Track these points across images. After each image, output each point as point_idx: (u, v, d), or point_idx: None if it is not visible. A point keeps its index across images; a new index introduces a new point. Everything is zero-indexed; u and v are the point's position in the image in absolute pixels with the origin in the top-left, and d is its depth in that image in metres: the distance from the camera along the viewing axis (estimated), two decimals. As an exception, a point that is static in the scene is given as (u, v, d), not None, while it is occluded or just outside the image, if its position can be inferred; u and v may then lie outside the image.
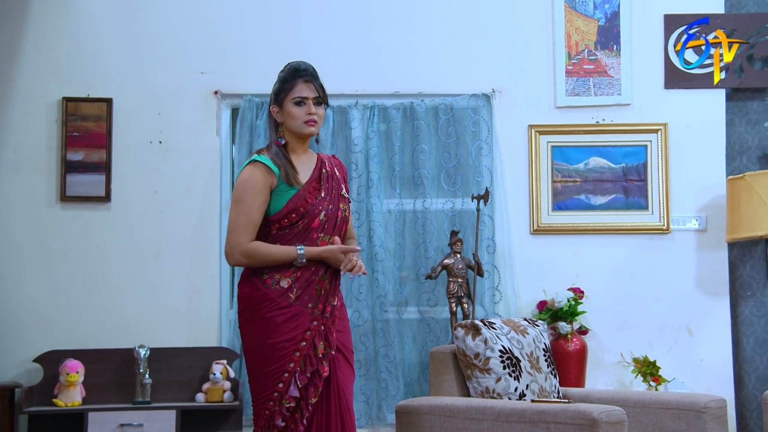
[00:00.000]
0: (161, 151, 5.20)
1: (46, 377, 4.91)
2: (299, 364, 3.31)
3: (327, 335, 3.37)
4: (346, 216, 3.52)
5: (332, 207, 3.46)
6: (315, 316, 3.37)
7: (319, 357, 3.35)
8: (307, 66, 3.52)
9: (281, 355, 3.31)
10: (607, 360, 5.17)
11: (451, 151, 5.24)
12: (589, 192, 5.29)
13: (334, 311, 3.42)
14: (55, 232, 5.12)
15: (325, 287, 3.40)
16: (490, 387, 3.95)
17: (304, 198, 3.39)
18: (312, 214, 3.40)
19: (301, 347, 3.32)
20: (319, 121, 3.49)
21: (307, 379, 3.32)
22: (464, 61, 5.31)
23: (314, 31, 5.28)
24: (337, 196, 3.49)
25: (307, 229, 3.39)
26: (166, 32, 5.23)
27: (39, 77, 5.16)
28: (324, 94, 3.51)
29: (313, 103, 3.46)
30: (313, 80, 3.48)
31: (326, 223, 3.42)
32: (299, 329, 3.33)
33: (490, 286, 5.14)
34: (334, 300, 3.43)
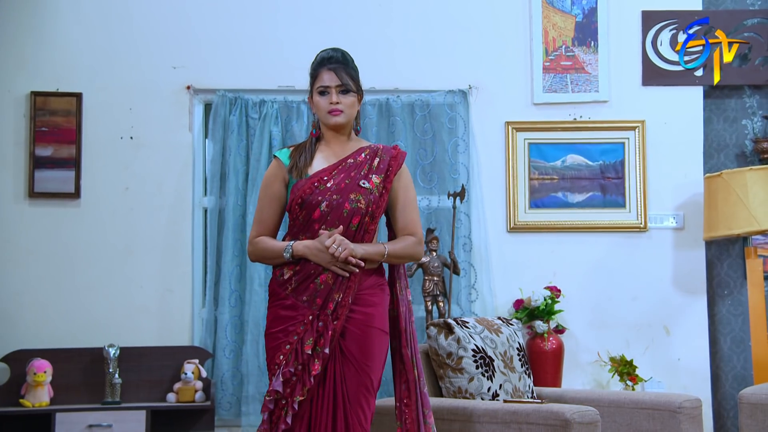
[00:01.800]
0: (132, 147, 5.12)
1: (13, 377, 4.82)
2: (287, 358, 3.21)
3: (323, 332, 3.21)
4: (359, 207, 3.29)
5: (338, 197, 3.29)
6: (313, 311, 3.24)
7: (308, 353, 3.20)
8: (333, 54, 3.43)
9: (275, 346, 3.25)
10: (584, 359, 5.14)
11: (428, 148, 5.19)
12: (566, 190, 5.24)
13: (338, 309, 3.24)
14: (23, 229, 5.03)
15: (327, 282, 3.25)
16: (463, 387, 3.90)
17: (302, 189, 3.30)
18: (310, 205, 3.29)
19: (293, 341, 3.22)
20: (347, 110, 3.38)
21: (291, 373, 3.20)
22: (441, 56, 5.26)
23: (289, 26, 5.21)
24: (351, 186, 3.31)
25: (308, 221, 3.30)
26: (138, 25, 5.15)
27: (6, 71, 5.07)
28: (354, 81, 3.40)
29: (337, 92, 3.37)
30: (339, 68, 3.38)
31: (329, 214, 3.28)
32: (293, 322, 3.24)
33: (466, 285, 5.10)
34: (339, 296, 3.24)
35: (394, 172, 3.39)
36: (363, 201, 3.30)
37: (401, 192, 3.43)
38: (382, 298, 3.37)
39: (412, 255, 3.41)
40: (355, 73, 3.44)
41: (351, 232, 3.29)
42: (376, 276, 3.37)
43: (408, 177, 3.47)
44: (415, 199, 3.47)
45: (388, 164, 3.39)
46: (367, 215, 3.31)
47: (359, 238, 3.30)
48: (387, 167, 3.39)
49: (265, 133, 5.03)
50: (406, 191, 3.44)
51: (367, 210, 3.30)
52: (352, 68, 3.43)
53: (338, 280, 3.24)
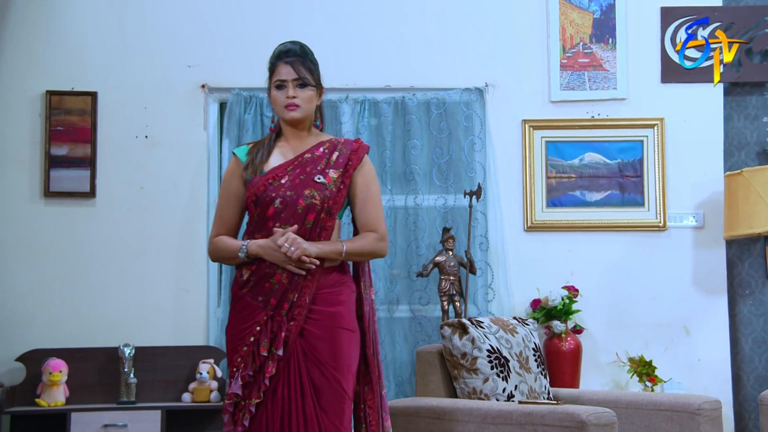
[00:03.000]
0: (147, 145, 5.11)
1: (29, 377, 4.82)
2: (245, 360, 3.14)
3: (277, 333, 3.12)
4: (314, 203, 3.19)
5: (292, 194, 3.19)
6: (267, 312, 3.15)
7: (263, 355, 3.12)
8: (291, 47, 3.33)
9: (233, 347, 3.18)
10: (603, 360, 5.09)
11: (444, 147, 5.15)
12: (584, 188, 5.19)
13: (294, 309, 3.14)
14: (39, 229, 5.03)
15: (281, 281, 3.15)
16: (478, 388, 3.85)
17: (256, 186, 3.22)
18: (264, 202, 3.20)
19: (249, 342, 3.14)
20: (304, 105, 3.28)
21: (249, 376, 3.12)
22: (457, 54, 5.22)
23: (304, 24, 5.19)
24: (306, 181, 3.21)
25: (263, 218, 3.21)
26: (153, 24, 5.14)
27: (22, 70, 5.07)
28: (312, 75, 3.31)
29: (294, 86, 3.27)
30: (296, 62, 3.28)
31: (283, 211, 3.18)
32: (248, 322, 3.16)
33: (483, 284, 5.05)
34: (294, 296, 3.15)
35: (353, 167, 3.28)
36: (318, 197, 3.19)
37: (362, 187, 3.30)
38: (348, 296, 3.26)
39: (373, 252, 3.29)
40: (314, 66, 3.34)
41: (306, 229, 3.19)
42: (338, 273, 3.25)
43: (370, 171, 3.35)
44: (378, 194, 3.36)
45: (348, 158, 3.28)
46: (323, 211, 3.20)
47: (316, 235, 3.20)
48: (347, 161, 3.28)
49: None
50: (368, 186, 3.31)
51: (322, 206, 3.20)
52: (311, 61, 3.33)
53: (294, 279, 3.15)
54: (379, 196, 3.34)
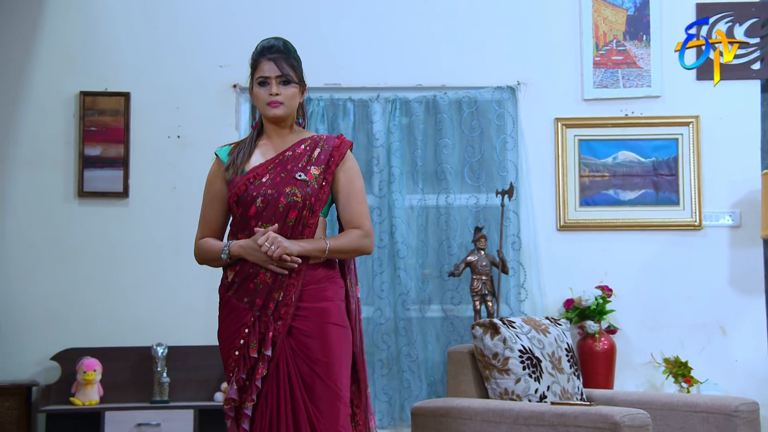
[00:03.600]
0: (179, 145, 5.13)
1: (64, 375, 4.86)
2: (238, 363, 3.08)
3: (264, 334, 3.06)
4: (295, 201, 3.12)
5: (273, 192, 3.13)
6: (253, 312, 3.09)
7: (254, 357, 3.06)
8: (274, 43, 3.25)
9: (225, 352, 3.13)
10: (637, 360, 5.04)
11: (475, 146, 5.12)
12: (617, 187, 5.14)
13: (280, 308, 3.08)
14: (73, 229, 5.07)
15: (265, 281, 3.09)
16: (509, 388, 3.82)
17: (237, 185, 3.16)
18: (245, 202, 3.14)
19: (240, 345, 3.08)
20: (287, 102, 3.20)
21: (243, 380, 3.07)
22: (488, 52, 5.19)
23: (335, 23, 5.19)
24: (287, 179, 3.15)
25: (245, 218, 3.15)
26: (184, 25, 5.17)
27: (55, 71, 5.11)
28: (295, 72, 3.22)
29: (277, 83, 3.20)
30: (280, 58, 3.20)
31: (264, 210, 3.11)
32: (236, 325, 3.10)
33: (515, 284, 5.02)
34: (279, 295, 3.08)
35: (335, 163, 3.20)
36: (299, 194, 3.13)
37: (345, 183, 3.22)
38: (336, 291, 3.18)
39: (357, 249, 3.19)
40: (297, 63, 3.25)
41: (288, 227, 3.12)
42: (325, 269, 3.17)
43: (353, 167, 3.26)
44: (362, 190, 3.26)
45: (330, 154, 3.21)
46: (305, 209, 3.14)
47: (298, 233, 3.13)
48: (328, 158, 3.21)
49: (312, 131, 5.00)
50: (351, 182, 3.23)
51: (304, 203, 3.13)
52: (294, 58, 3.24)
53: (278, 278, 3.09)
54: (363, 192, 3.26)
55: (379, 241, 5.05)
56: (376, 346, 5.02)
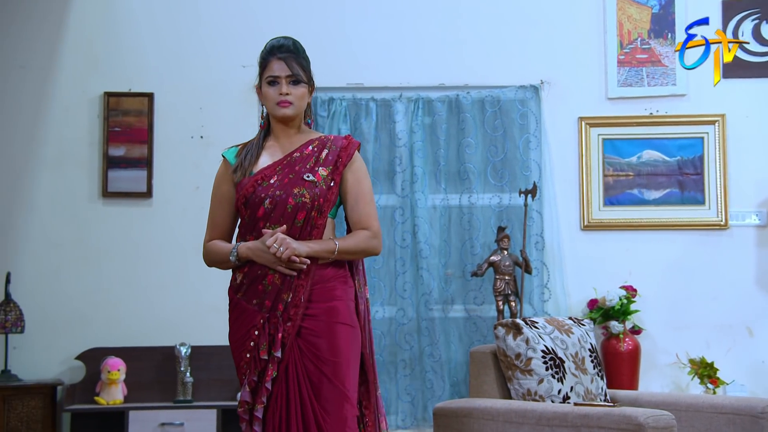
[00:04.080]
0: (203, 146, 5.15)
1: (89, 375, 4.89)
2: (249, 366, 3.06)
3: (274, 335, 3.03)
4: (304, 202, 3.09)
5: (281, 193, 3.10)
6: (262, 314, 3.07)
7: (264, 359, 3.03)
8: (284, 42, 3.22)
9: (237, 354, 3.11)
10: (662, 361, 5.01)
11: (498, 145, 5.10)
12: (642, 186, 5.10)
13: (289, 309, 3.05)
14: (97, 229, 5.10)
15: (274, 282, 3.06)
16: (532, 389, 3.80)
17: (245, 187, 3.13)
18: (254, 203, 3.11)
19: (250, 347, 3.06)
20: (297, 102, 3.17)
21: (255, 382, 3.05)
22: (512, 51, 5.17)
23: (357, 23, 5.18)
24: (295, 180, 3.12)
25: (253, 220, 3.12)
26: (207, 25, 5.18)
27: (80, 72, 5.14)
28: (305, 72, 3.20)
29: (287, 83, 3.16)
30: (290, 57, 3.18)
31: (272, 211, 3.09)
32: (246, 327, 3.08)
33: (538, 284, 4.99)
34: (288, 296, 3.05)
35: (343, 164, 3.17)
36: (308, 195, 3.10)
37: (353, 184, 3.19)
38: (345, 291, 3.14)
39: (366, 250, 3.17)
40: (306, 63, 3.22)
41: (297, 228, 3.10)
42: (334, 268, 3.14)
43: (361, 168, 3.23)
44: (370, 191, 3.23)
45: (338, 155, 3.18)
46: (313, 210, 3.11)
47: (306, 234, 3.11)
48: (336, 159, 3.17)
49: (334, 131, 5.01)
50: (359, 183, 3.20)
51: (312, 204, 3.10)
52: (303, 58, 3.21)
53: (286, 279, 3.06)
54: (371, 193, 3.24)
55: (402, 241, 5.04)
56: (399, 346, 5.01)
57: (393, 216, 5.06)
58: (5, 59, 5.13)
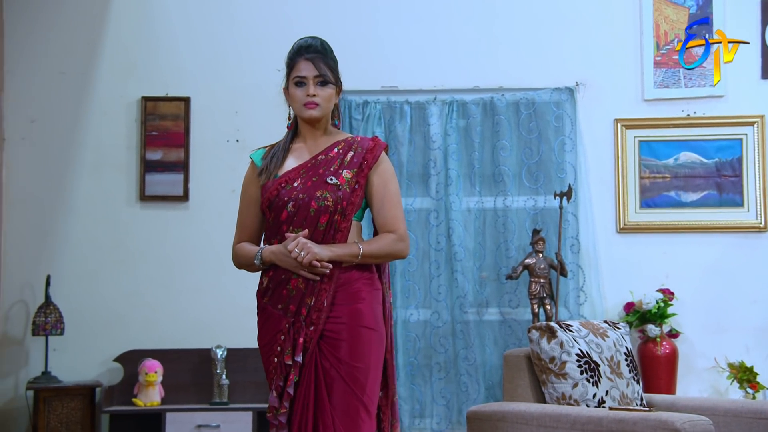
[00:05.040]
0: (238, 149, 5.18)
1: (126, 377, 4.94)
2: (276, 370, 3.03)
3: (296, 339, 3.00)
4: (326, 205, 3.04)
5: (304, 196, 3.05)
6: (287, 318, 3.03)
7: (288, 364, 3.00)
8: (312, 42, 3.17)
9: (266, 359, 3.09)
10: (700, 365, 4.95)
11: (533, 147, 5.08)
12: (679, 188, 5.05)
13: (312, 313, 3.00)
14: (135, 232, 5.15)
15: (298, 287, 3.02)
16: (567, 393, 3.77)
17: (269, 190, 3.10)
18: (277, 206, 3.07)
19: (277, 352, 3.03)
20: (324, 104, 3.12)
21: (281, 387, 3.01)
22: (547, 53, 5.15)
23: (390, 25, 5.19)
24: (318, 183, 3.07)
25: (277, 223, 3.08)
26: (242, 30, 5.22)
27: (118, 77, 5.20)
28: (333, 72, 3.14)
29: (314, 83, 3.11)
30: (318, 58, 3.13)
31: (295, 214, 3.05)
32: (273, 332, 3.06)
33: (574, 287, 4.96)
34: (311, 300, 3.01)
35: (369, 166, 3.10)
36: (330, 198, 3.05)
37: (379, 187, 3.12)
38: (371, 293, 3.08)
39: (391, 253, 3.11)
40: (334, 63, 3.16)
41: (320, 231, 3.05)
42: (359, 270, 3.08)
43: (388, 170, 3.16)
44: (397, 193, 3.17)
45: (363, 157, 3.11)
46: (336, 213, 3.05)
47: (330, 237, 3.05)
48: (361, 161, 3.11)
49: (369, 134, 5.02)
50: (386, 185, 3.13)
51: (335, 207, 3.05)
52: (331, 59, 3.16)
53: (309, 283, 3.02)
54: (398, 195, 3.18)
55: (437, 244, 5.03)
56: (434, 349, 5.00)
57: (427, 219, 5.06)
58: (46, 66, 5.20)
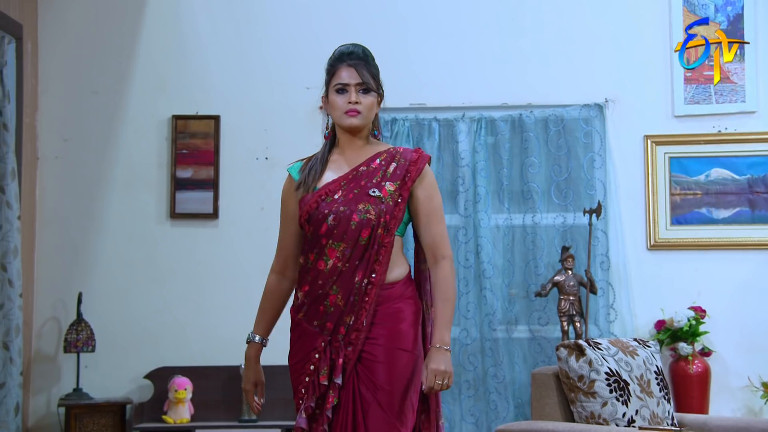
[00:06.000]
0: (267, 167, 5.21)
1: (156, 394, 4.96)
2: (307, 391, 2.91)
3: (335, 360, 2.88)
4: (368, 219, 2.92)
5: (345, 209, 2.93)
6: (323, 336, 2.91)
7: (324, 384, 2.88)
8: (354, 49, 3.06)
9: (296, 377, 2.97)
10: (734, 384, 4.89)
11: (562, 164, 5.05)
12: (710, 205, 5.00)
13: (351, 333, 2.89)
14: (165, 249, 5.18)
15: (336, 303, 2.90)
16: (596, 412, 3.73)
17: (308, 203, 2.98)
18: (317, 220, 2.94)
19: (310, 371, 2.91)
20: (366, 112, 2.99)
21: (312, 408, 2.89)
22: (575, 70, 5.13)
23: (418, 43, 5.20)
24: (360, 195, 2.95)
25: (316, 236, 2.95)
26: (271, 49, 5.25)
27: (149, 96, 5.25)
28: (375, 80, 3.02)
29: (356, 91, 2.99)
30: (360, 65, 3.01)
31: (336, 228, 2.92)
32: (306, 350, 2.94)
33: (604, 305, 4.92)
34: (351, 319, 2.90)
35: (412, 179, 2.98)
36: (373, 211, 2.93)
37: (424, 201, 3.00)
38: (412, 313, 2.96)
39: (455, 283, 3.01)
40: (376, 71, 3.04)
41: (361, 247, 2.92)
42: (401, 287, 2.97)
43: (432, 183, 3.04)
44: (441, 208, 3.04)
45: (407, 170, 2.98)
46: (379, 227, 2.92)
47: (372, 253, 2.93)
48: (404, 173, 2.98)
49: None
50: (430, 200, 3.01)
51: (378, 221, 2.92)
52: (374, 66, 3.04)
53: (350, 301, 2.90)
54: (442, 209, 3.05)
55: (465, 261, 5.02)
56: (463, 366, 4.98)
57: (456, 236, 5.05)
58: (79, 85, 5.27)
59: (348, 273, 2.92)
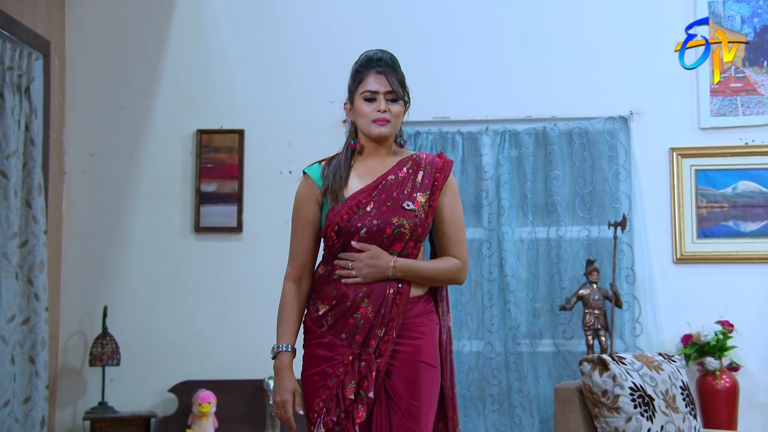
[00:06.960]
0: (291, 181, 5.20)
1: (180, 407, 4.97)
2: (327, 404, 2.82)
3: (366, 374, 2.81)
4: (402, 233, 2.87)
5: (379, 222, 2.86)
6: (353, 350, 2.84)
7: (351, 399, 2.80)
8: (382, 55, 2.98)
9: (312, 390, 2.86)
10: (763, 400, 4.83)
11: (587, 177, 5.02)
12: (737, 218, 4.95)
13: (381, 345, 2.83)
14: (189, 263, 5.20)
15: (367, 316, 2.83)
16: (620, 427, 3.69)
17: (339, 214, 2.88)
18: (348, 232, 2.87)
19: (332, 384, 2.82)
20: (393, 120, 2.91)
21: (333, 423, 2.81)
22: (600, 82, 5.10)
23: (443, 55, 5.20)
24: (393, 208, 2.88)
25: (346, 249, 2.88)
26: (295, 63, 5.27)
27: (175, 110, 5.29)
28: (403, 88, 2.95)
29: (385, 99, 2.91)
30: (389, 72, 2.94)
31: (367, 240, 2.86)
32: (331, 363, 2.84)
33: (630, 318, 4.88)
34: (381, 331, 2.84)
35: (439, 188, 2.93)
36: (407, 225, 2.87)
37: (448, 208, 2.96)
38: (431, 328, 2.93)
39: (452, 279, 2.98)
40: (403, 78, 2.97)
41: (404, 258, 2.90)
42: (424, 303, 2.94)
43: (455, 189, 2.99)
44: (462, 215, 3.00)
45: (434, 177, 2.94)
46: (411, 239, 2.89)
47: None
48: (432, 182, 2.93)
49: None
50: (452, 207, 2.97)
51: (411, 234, 2.88)
52: (401, 73, 2.97)
53: (380, 313, 2.84)
54: (462, 216, 3.00)
55: (489, 275, 5.00)
56: (487, 381, 4.95)
57: (480, 249, 5.02)
58: (105, 101, 5.31)
59: (380, 285, 2.87)
